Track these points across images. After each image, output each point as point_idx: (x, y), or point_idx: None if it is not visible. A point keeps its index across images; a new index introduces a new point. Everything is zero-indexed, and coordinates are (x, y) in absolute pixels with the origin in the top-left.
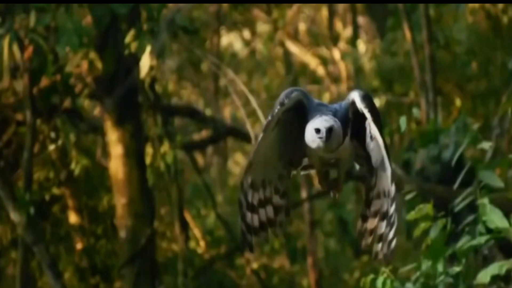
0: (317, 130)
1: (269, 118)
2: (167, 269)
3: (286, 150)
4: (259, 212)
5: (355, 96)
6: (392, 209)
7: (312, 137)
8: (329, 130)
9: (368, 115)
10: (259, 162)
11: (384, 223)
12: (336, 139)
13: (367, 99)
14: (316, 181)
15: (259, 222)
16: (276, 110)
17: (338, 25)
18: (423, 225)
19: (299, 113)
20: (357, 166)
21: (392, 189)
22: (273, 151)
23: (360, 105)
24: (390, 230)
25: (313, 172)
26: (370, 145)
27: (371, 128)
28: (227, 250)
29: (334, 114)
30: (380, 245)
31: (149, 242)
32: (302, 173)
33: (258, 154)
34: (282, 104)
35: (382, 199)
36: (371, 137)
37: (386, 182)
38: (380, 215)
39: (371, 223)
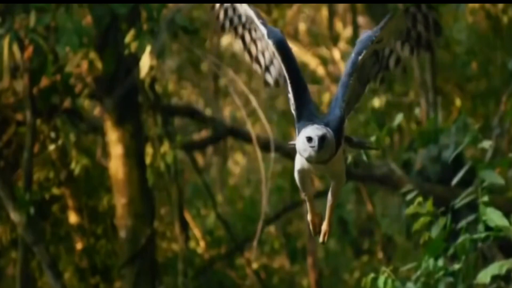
0: (309, 139)
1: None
2: (167, 269)
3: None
4: (245, 35)
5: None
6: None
7: (303, 146)
8: (322, 139)
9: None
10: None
11: (406, 45)
12: (329, 148)
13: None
14: (308, 217)
15: (241, 37)
16: (259, 24)
17: (338, 25)
18: (422, 219)
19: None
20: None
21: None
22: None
23: (373, 33)
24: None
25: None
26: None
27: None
28: (227, 250)
29: (327, 124)
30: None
31: (149, 242)
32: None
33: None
34: (264, 24)
35: (391, 41)
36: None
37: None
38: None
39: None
